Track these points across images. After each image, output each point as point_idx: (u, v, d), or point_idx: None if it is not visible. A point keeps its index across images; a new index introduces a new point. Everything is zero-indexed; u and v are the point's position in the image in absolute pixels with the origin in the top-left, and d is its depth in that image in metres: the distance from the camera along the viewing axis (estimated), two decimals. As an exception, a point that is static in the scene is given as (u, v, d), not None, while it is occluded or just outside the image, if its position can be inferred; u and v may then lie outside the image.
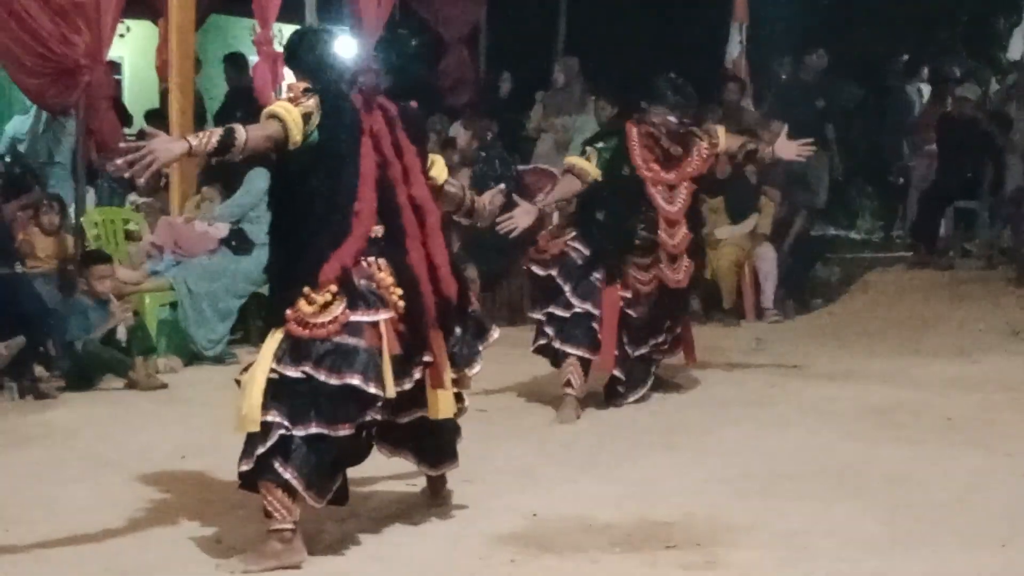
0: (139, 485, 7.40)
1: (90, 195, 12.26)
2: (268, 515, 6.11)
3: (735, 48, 16.29)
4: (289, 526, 6.10)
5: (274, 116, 6.11)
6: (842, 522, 6.67)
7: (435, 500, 7.06)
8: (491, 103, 16.29)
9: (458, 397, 6.81)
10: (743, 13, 16.27)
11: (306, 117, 6.13)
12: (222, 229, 11.44)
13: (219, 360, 11.11)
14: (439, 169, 6.84)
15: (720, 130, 9.67)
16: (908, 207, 16.28)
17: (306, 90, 6.25)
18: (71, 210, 11.69)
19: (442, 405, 6.60)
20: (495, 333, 7.15)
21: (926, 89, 17.83)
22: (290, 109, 6.12)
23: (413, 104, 7.04)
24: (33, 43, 11.12)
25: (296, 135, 6.10)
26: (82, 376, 10.29)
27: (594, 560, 6.22)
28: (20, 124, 14.18)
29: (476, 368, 6.99)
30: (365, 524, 6.76)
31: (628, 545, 6.40)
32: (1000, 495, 7.14)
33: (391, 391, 6.19)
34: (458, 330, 6.72)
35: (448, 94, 16.38)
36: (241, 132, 6.02)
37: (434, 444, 6.80)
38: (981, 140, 14.87)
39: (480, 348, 6.98)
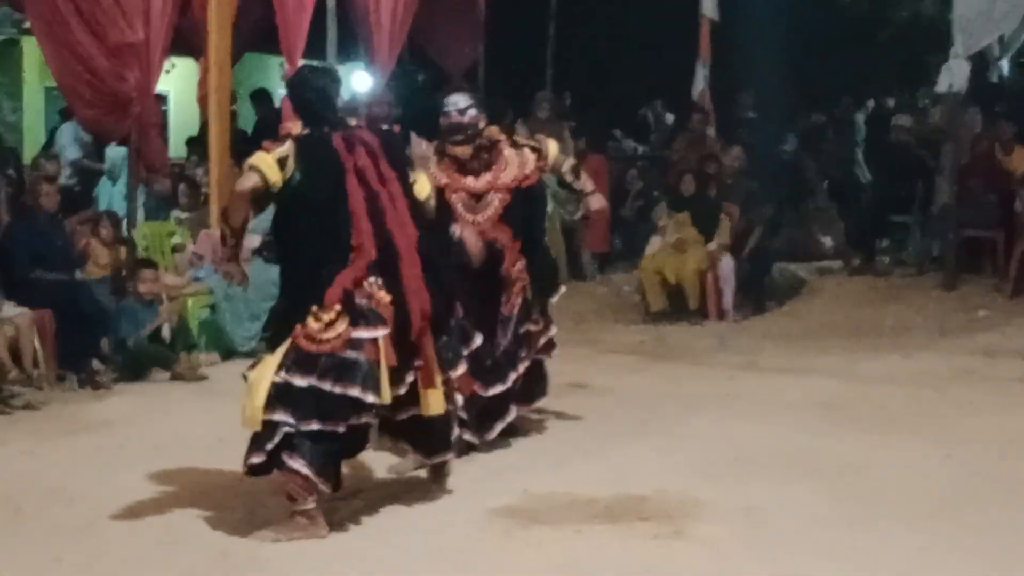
0: (183, 465, 7.41)
1: (140, 212, 12.26)
2: (292, 498, 6.16)
3: (700, 83, 16.33)
4: (311, 505, 6.14)
5: (251, 167, 6.17)
6: (794, 500, 6.69)
7: (436, 483, 7.01)
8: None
9: (446, 396, 6.80)
10: (707, 55, 16.30)
11: (281, 161, 6.13)
12: (255, 240, 11.42)
13: (252, 355, 11.02)
14: (422, 185, 6.67)
15: (551, 144, 8.15)
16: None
17: (283, 136, 6.27)
18: (124, 224, 11.71)
19: (433, 403, 6.58)
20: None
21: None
22: (263, 157, 6.15)
23: (395, 128, 7.02)
24: (91, 78, 11.13)
25: (273, 177, 6.12)
26: (133, 369, 10.30)
27: (577, 530, 6.25)
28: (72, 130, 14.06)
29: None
30: (370, 501, 6.77)
31: (607, 517, 6.43)
32: (929, 477, 7.16)
33: (387, 398, 6.21)
34: (444, 337, 6.67)
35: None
36: (224, 227, 6.35)
37: (428, 437, 6.77)
38: (914, 162, 14.90)
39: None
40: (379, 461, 7.29)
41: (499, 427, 7.82)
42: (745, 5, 16.72)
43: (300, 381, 6.08)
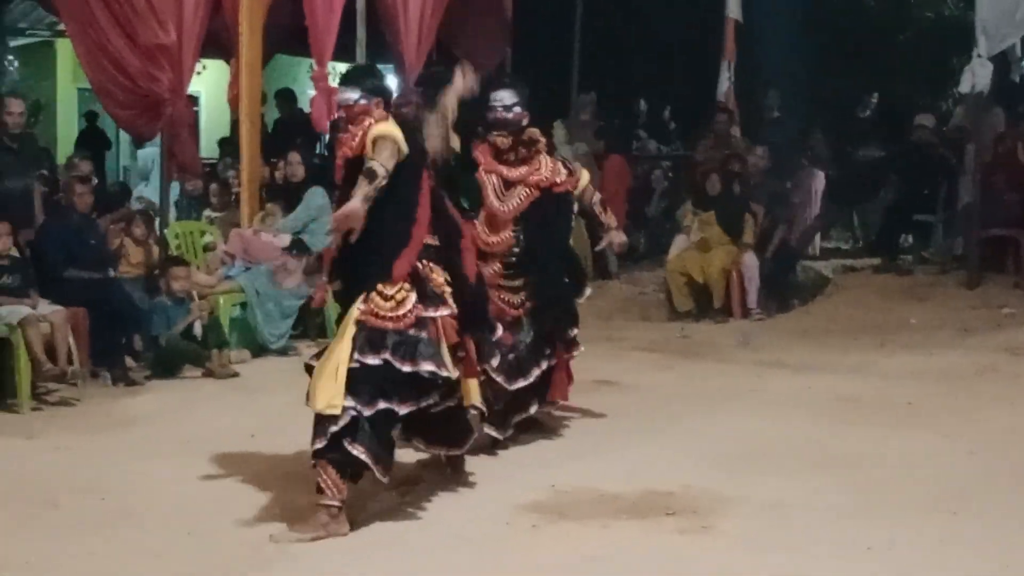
0: (215, 460, 7.43)
1: (172, 211, 12.32)
2: (320, 491, 6.18)
3: (725, 83, 16.31)
4: (337, 503, 6.16)
5: (384, 137, 6.15)
6: (818, 494, 6.70)
7: (457, 476, 7.04)
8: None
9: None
10: (731, 52, 16.29)
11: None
12: (285, 239, 11.47)
13: (283, 352, 11.12)
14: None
15: (584, 173, 8.23)
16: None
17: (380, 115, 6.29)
18: (157, 223, 11.76)
19: (472, 392, 6.65)
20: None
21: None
22: (392, 128, 6.19)
23: None
24: (124, 80, 11.17)
25: (406, 150, 6.19)
26: (165, 366, 10.33)
27: (605, 525, 6.26)
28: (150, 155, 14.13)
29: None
30: (399, 494, 6.80)
31: (634, 512, 6.44)
32: (952, 470, 7.17)
33: (455, 373, 6.30)
34: (482, 327, 6.73)
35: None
36: (381, 169, 6.10)
37: (453, 429, 6.78)
38: (937, 162, 14.86)
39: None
40: (407, 456, 7.30)
41: (515, 420, 7.83)
42: (768, 6, 16.68)
43: (373, 359, 6.10)
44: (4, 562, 5.79)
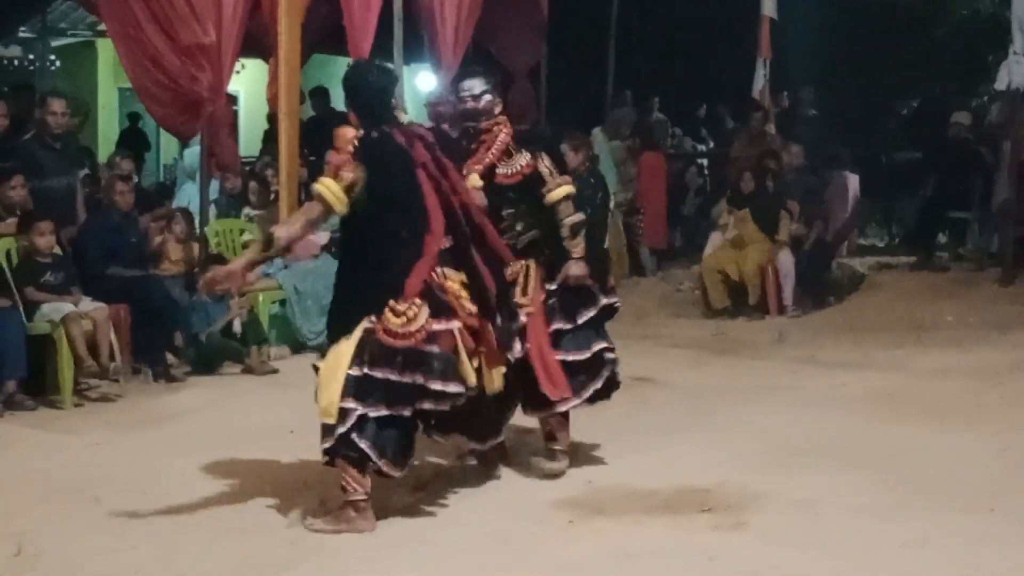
0: (254, 456, 7.47)
1: (212, 209, 12.36)
2: (344, 489, 6.20)
3: (760, 81, 16.26)
4: (362, 497, 6.17)
5: (319, 195, 6.13)
6: (853, 491, 6.68)
7: (490, 470, 7.05)
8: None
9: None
10: (767, 49, 16.24)
11: (348, 189, 6.10)
12: (323, 237, 11.50)
13: (322, 349, 11.14)
14: (471, 182, 6.78)
15: (564, 187, 7.13)
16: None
17: (346, 147, 6.23)
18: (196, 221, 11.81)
19: (496, 380, 6.56)
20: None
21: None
22: (330, 186, 6.11)
23: (445, 127, 6.99)
24: (164, 79, 11.20)
25: (340, 208, 6.12)
26: (205, 363, 10.39)
27: (639, 522, 6.27)
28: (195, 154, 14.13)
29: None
30: (434, 489, 6.83)
31: (668, 509, 6.44)
32: (987, 468, 7.13)
33: (473, 380, 6.24)
34: (505, 316, 6.61)
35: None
36: (279, 235, 6.15)
37: (482, 422, 6.76)
38: (973, 159, 14.79)
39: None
40: (442, 451, 7.32)
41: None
42: (803, 4, 16.63)
43: (380, 374, 6.08)
44: (47, 556, 5.84)
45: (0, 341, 9.00)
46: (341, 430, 6.09)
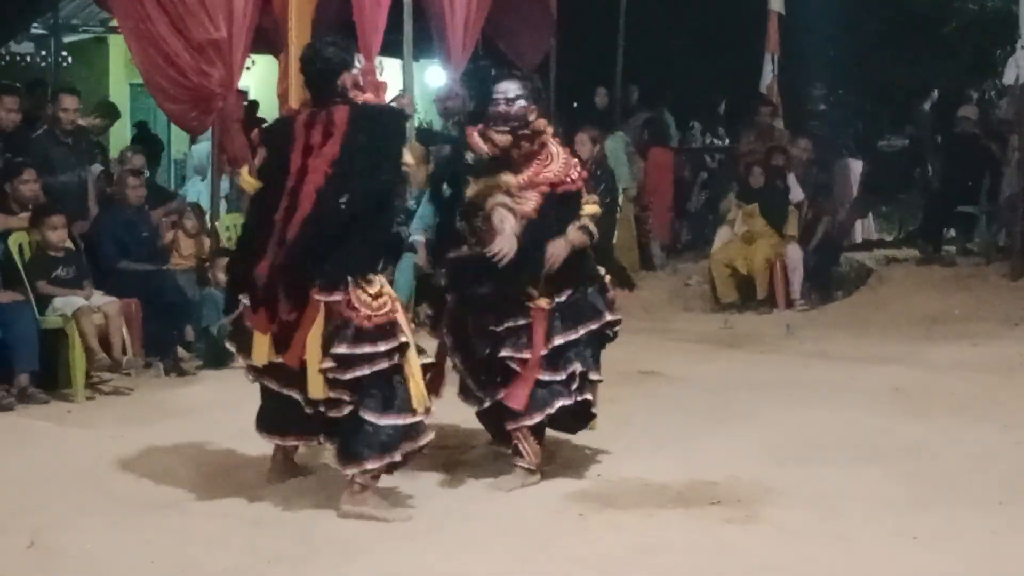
0: (265, 450, 7.36)
1: (222, 204, 12.34)
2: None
3: (768, 76, 16.22)
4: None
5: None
6: (864, 485, 6.66)
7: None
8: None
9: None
10: (775, 44, 16.20)
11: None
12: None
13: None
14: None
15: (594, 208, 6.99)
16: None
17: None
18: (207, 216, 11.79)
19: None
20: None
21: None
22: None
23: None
24: (175, 74, 11.17)
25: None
26: (216, 357, 10.34)
27: (650, 514, 6.24)
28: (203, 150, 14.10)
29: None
30: (446, 482, 6.82)
31: (680, 502, 6.42)
32: (999, 462, 7.12)
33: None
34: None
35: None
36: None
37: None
38: (981, 153, 14.74)
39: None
40: (447, 443, 7.30)
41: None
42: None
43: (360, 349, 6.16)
44: (61, 550, 5.82)
45: (12, 335, 9.00)
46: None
